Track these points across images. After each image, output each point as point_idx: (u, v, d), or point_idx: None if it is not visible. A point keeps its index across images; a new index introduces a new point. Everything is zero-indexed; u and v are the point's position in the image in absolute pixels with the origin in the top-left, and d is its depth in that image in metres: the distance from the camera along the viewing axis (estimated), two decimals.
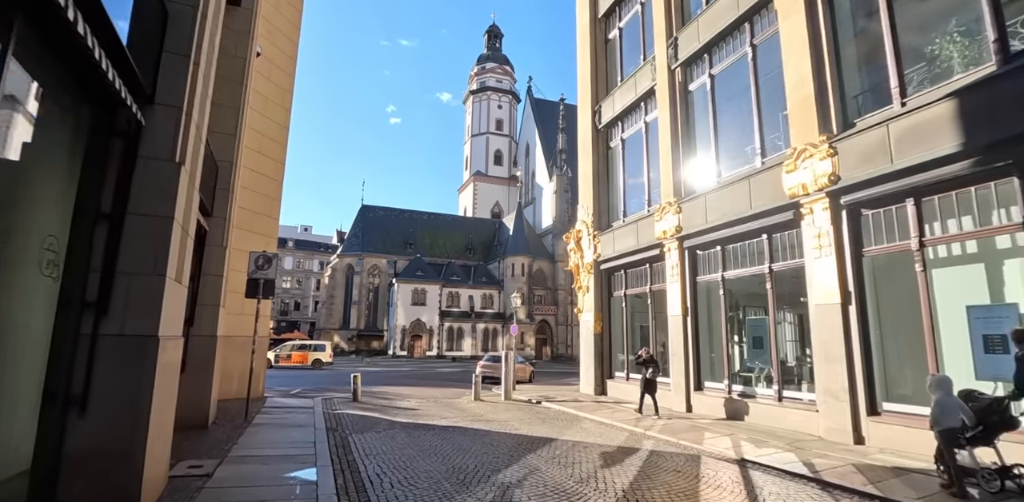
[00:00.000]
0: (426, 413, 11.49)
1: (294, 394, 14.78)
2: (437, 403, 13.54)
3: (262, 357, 13.32)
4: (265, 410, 11.15)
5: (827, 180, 8.26)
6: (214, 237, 9.01)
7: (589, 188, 16.15)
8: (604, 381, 14.99)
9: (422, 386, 19.32)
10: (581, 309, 16.11)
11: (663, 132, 12.81)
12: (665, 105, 12.78)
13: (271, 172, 13.77)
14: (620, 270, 14.78)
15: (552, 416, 11.39)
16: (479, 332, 59.06)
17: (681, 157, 12.28)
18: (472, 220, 74.15)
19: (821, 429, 8.26)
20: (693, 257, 11.82)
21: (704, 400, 10.99)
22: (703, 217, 11.21)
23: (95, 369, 4.14)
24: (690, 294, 11.69)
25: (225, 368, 11.94)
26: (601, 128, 16.23)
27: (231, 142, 9.44)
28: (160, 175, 4.60)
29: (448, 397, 15.46)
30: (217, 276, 8.98)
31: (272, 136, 13.81)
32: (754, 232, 10.03)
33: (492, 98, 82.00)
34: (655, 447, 8.01)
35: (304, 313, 76.81)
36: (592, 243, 15.69)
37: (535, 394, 15.95)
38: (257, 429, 8.69)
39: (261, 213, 13.36)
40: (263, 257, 10.23)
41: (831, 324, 8.14)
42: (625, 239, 14.24)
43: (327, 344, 31.25)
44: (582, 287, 16.11)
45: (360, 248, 61.81)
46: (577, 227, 16.67)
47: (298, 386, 17.48)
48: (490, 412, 11.87)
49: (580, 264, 16.14)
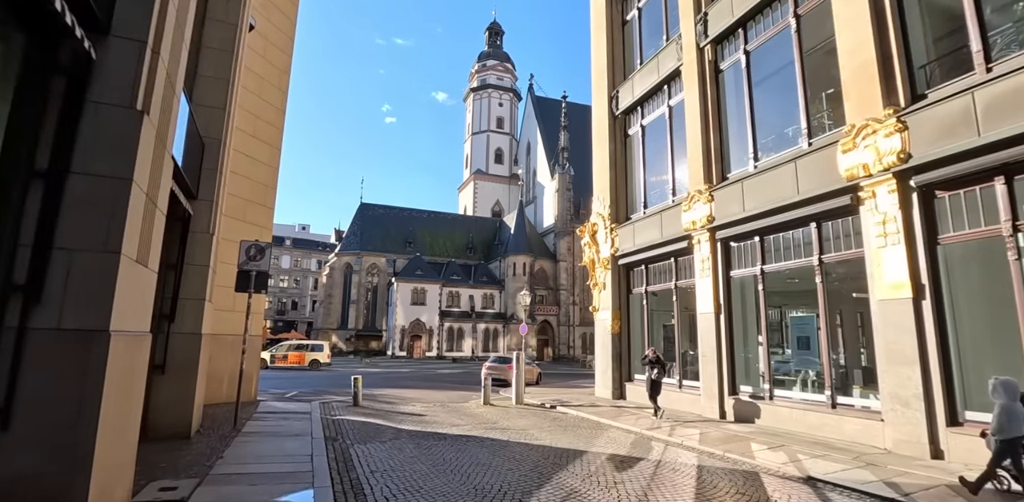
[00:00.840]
0: (434, 419, 10.48)
1: (290, 398, 13.75)
2: (444, 408, 12.53)
3: (255, 358, 12.29)
4: (257, 416, 10.13)
5: (895, 158, 7.29)
6: (199, 222, 8.00)
7: (606, 178, 15.17)
8: (623, 384, 13.99)
9: (425, 389, 18.30)
10: (597, 307, 15.12)
11: (690, 115, 11.84)
12: (693, 86, 11.81)
13: (266, 158, 12.76)
14: (640, 265, 13.80)
15: (572, 423, 10.39)
16: (480, 332, 58.03)
17: (712, 141, 11.30)
18: (472, 219, 73.14)
19: (888, 441, 7.28)
20: (726, 249, 10.84)
21: (740, 406, 10.01)
22: (739, 205, 10.24)
23: (22, 372, 3.14)
24: (723, 290, 10.70)
25: (214, 369, 10.92)
26: (618, 115, 15.25)
27: (219, 117, 8.43)
28: (115, 125, 3.59)
29: (455, 401, 14.44)
30: (202, 266, 7.96)
31: (267, 119, 12.80)
32: (800, 220, 9.05)
33: (493, 96, 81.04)
34: (701, 461, 7.01)
35: (301, 313, 75.69)
36: (609, 237, 14.70)
37: (547, 398, 14.95)
38: (247, 439, 7.67)
39: (254, 201, 12.35)
40: (255, 247, 9.22)
41: (900, 322, 7.16)
42: (647, 232, 13.25)
43: (325, 344, 30.21)
44: (598, 284, 15.12)
45: (359, 246, 60.74)
46: (592, 220, 15.69)
47: (294, 388, 16.45)
48: (504, 418, 10.87)
49: (596, 259, 15.16)
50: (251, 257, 9.15)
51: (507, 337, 58.18)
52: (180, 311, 7.67)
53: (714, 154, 11.24)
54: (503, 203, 78.85)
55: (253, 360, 12.15)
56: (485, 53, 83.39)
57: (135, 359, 4.04)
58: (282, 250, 76.13)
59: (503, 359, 21.17)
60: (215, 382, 11.14)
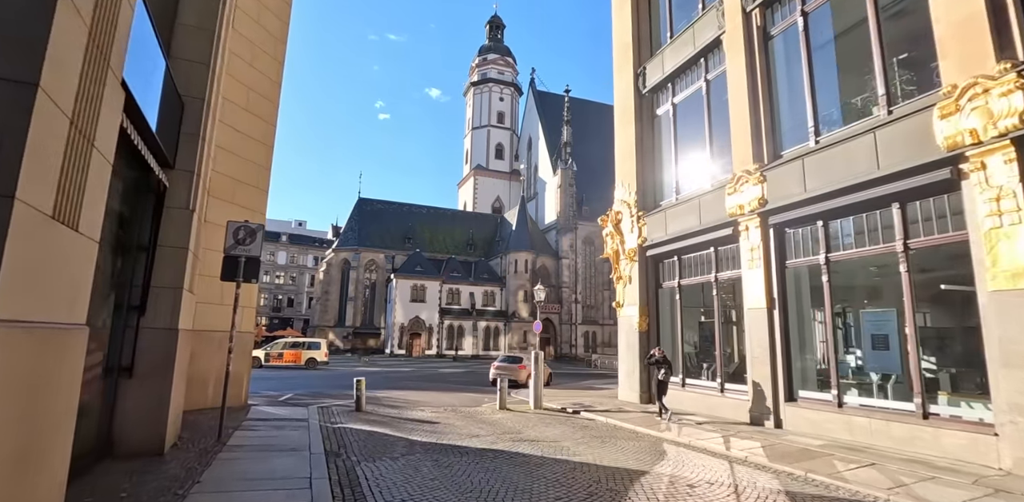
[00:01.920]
0: (449, 428, 9.21)
1: (284, 401, 12.45)
2: (457, 413, 11.26)
3: (245, 357, 11.00)
4: (247, 424, 8.84)
5: (1017, 120, 6.04)
6: (177, 196, 6.69)
7: (631, 163, 13.91)
8: (652, 387, 12.73)
9: (431, 390, 17.02)
10: (621, 303, 13.86)
11: (734, 88, 10.58)
12: (738, 55, 10.55)
13: (259, 134, 11.44)
14: (672, 256, 12.54)
15: (607, 433, 9.14)
16: (480, 331, 56.77)
17: (761, 116, 10.05)
18: (473, 215, 71.82)
19: (1005, 459, 6.06)
20: (780, 237, 9.60)
21: (801, 414, 8.77)
22: (797, 186, 8.99)
23: None
24: (777, 282, 9.46)
25: (197, 371, 9.64)
26: (645, 93, 13.98)
27: (202, 74, 7.12)
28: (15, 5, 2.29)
29: (467, 405, 13.18)
30: (180, 249, 6.66)
31: (261, 91, 11.47)
32: (879, 201, 7.81)
33: (494, 90, 79.65)
34: (786, 485, 5.77)
35: (298, 310, 74.29)
36: (636, 226, 13.44)
37: (565, 401, 13.71)
38: (232, 456, 6.39)
39: (246, 182, 11.03)
40: (244, 228, 7.93)
41: (1022, 317, 5.94)
42: (681, 219, 12.00)
43: (322, 342, 28.88)
44: (622, 278, 13.87)
45: (357, 242, 59.34)
46: (615, 208, 14.43)
47: (289, 390, 15.15)
48: (527, 427, 9.61)
49: (620, 251, 13.90)
50: (240, 240, 7.86)
51: (508, 335, 56.94)
52: (153, 302, 6.37)
53: (764, 130, 9.98)
54: (503, 199, 77.52)
55: (243, 360, 10.86)
56: (486, 47, 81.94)
57: (54, 362, 2.75)
58: (278, 246, 74.66)
59: (513, 359, 19.91)
60: (198, 385, 9.84)
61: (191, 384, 9.76)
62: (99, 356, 5.78)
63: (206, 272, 9.59)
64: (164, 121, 6.27)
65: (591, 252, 62.96)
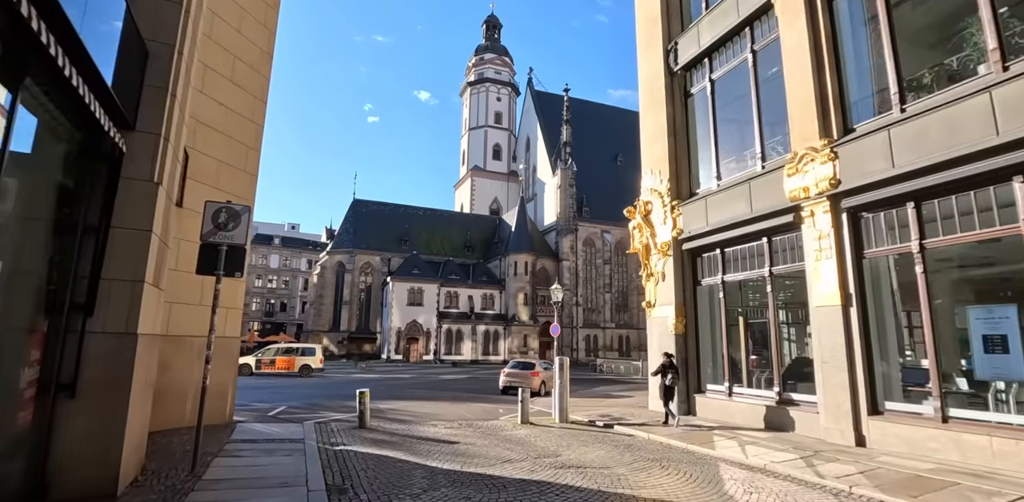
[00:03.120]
0: (472, 449, 7.76)
1: (276, 415, 10.96)
2: (475, 429, 9.82)
3: (230, 367, 9.50)
4: (230, 448, 7.36)
5: None
6: (138, 165, 5.25)
7: (662, 148, 12.56)
8: (691, 397, 11.34)
9: (438, 400, 15.54)
10: (652, 302, 12.48)
11: (793, 57, 9.27)
12: (797, 18, 9.24)
13: (247, 111, 10.01)
14: (714, 249, 11.18)
15: (660, 454, 7.72)
16: (479, 334, 55.25)
17: (829, 86, 8.73)
18: (470, 216, 70.44)
19: None
20: (855, 222, 8.26)
21: (890, 430, 7.40)
22: (882, 161, 7.66)
23: None
24: (853, 275, 8.11)
25: (172, 383, 8.19)
26: (677, 71, 12.66)
27: (173, 14, 5.69)
28: None
29: (481, 417, 11.73)
30: (140, 232, 5.20)
31: (249, 61, 10.04)
32: (994, 174, 6.49)
33: (491, 90, 78.49)
34: None
35: (291, 314, 72.41)
36: (669, 217, 12.08)
37: (590, 412, 12.31)
38: (206, 499, 4.92)
39: (232, 164, 9.59)
40: (226, 210, 6.49)
41: None
42: (725, 207, 10.66)
43: (317, 347, 27.30)
44: (653, 274, 12.49)
45: (352, 244, 57.75)
46: (643, 198, 13.06)
47: (282, 401, 13.62)
48: (563, 446, 8.18)
49: (651, 245, 12.53)
50: (221, 225, 6.42)
51: (508, 339, 55.45)
52: (103, 299, 4.91)
53: (832, 101, 8.66)
54: (501, 201, 76.19)
55: (228, 369, 9.37)
56: (483, 46, 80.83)
57: None
58: (271, 249, 72.88)
59: (525, 365, 18.49)
60: (174, 400, 8.36)
61: (165, 399, 8.29)
62: (30, 371, 4.34)
63: (184, 267, 8.15)
64: (123, 71, 4.87)
65: (592, 254, 61.72)
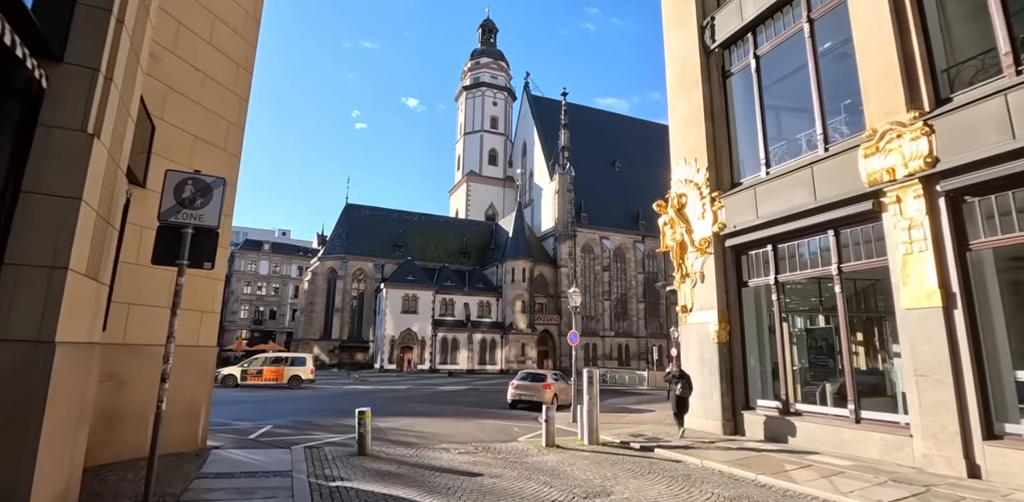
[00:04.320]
0: (501, 485, 6.27)
1: (259, 437, 9.38)
2: (495, 455, 8.32)
3: (203, 381, 7.93)
4: (197, 487, 5.82)
5: None
6: (62, 108, 3.79)
7: (699, 134, 11.26)
8: (737, 414, 9.93)
9: (442, 416, 13.98)
10: (688, 307, 11.08)
11: (869, 17, 8.01)
12: None
13: (229, 80, 8.56)
14: (764, 246, 9.83)
15: (736, 490, 6.26)
16: (476, 343, 53.60)
17: (916, 51, 7.45)
18: (466, 222, 69.02)
19: None
20: (955, 209, 6.94)
21: (1016, 458, 6.02)
22: (999, 132, 6.36)
23: None
24: (957, 272, 6.77)
25: (132, 404, 6.73)
26: (714, 49, 11.40)
27: None
28: None
29: (497, 438, 10.23)
30: (64, 199, 3.73)
31: (233, 23, 8.62)
32: None
33: (487, 94, 77.52)
34: None
35: (280, 322, 70.32)
36: (708, 210, 10.74)
37: (618, 431, 10.85)
38: None
39: (210, 142, 8.11)
40: (194, 182, 5.04)
41: None
42: (779, 197, 9.33)
43: (308, 357, 25.57)
44: (689, 275, 11.12)
45: (344, 250, 56.07)
46: (676, 191, 11.72)
47: (267, 418, 12.01)
48: (608, 479, 6.70)
49: (686, 241, 11.17)
50: (186, 201, 4.95)
51: (505, 348, 53.81)
52: (4, 293, 3.43)
53: (921, 68, 7.38)
54: (497, 206, 74.90)
55: (201, 386, 7.81)
56: (478, 51, 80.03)
57: None
58: (260, 255, 70.96)
59: (535, 376, 16.97)
60: (134, 424, 6.81)
61: (122, 423, 6.76)
62: None
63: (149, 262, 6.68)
64: None
65: (590, 260, 60.45)
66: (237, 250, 70.43)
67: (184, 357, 7.36)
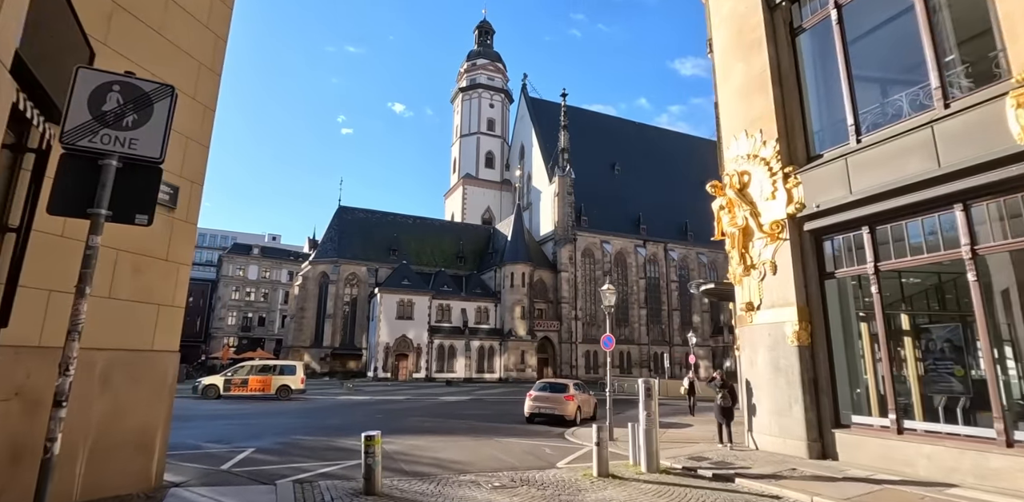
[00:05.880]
0: None
1: (233, 469, 7.42)
2: (541, 490, 6.45)
3: (158, 400, 5.97)
4: None
5: None
6: None
7: (764, 102, 9.58)
8: (826, 432, 8.13)
9: (455, 434, 12.03)
10: (754, 304, 9.32)
11: None
12: None
13: (202, 11, 6.72)
14: (857, 227, 8.09)
15: None
16: (473, 351, 51.49)
17: None
18: (462, 226, 67.20)
19: None
20: None
21: None
22: None
23: None
24: None
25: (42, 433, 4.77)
26: (781, 2, 9.76)
27: None
28: None
29: (531, 464, 8.35)
30: None
31: None
32: None
33: (484, 96, 76.08)
34: None
35: (270, 329, 67.77)
36: (781, 189, 9.03)
37: (668, 452, 9.00)
38: None
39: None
40: (123, 87, 3.20)
41: None
42: (883, 167, 7.61)
43: (298, 365, 23.49)
44: (754, 266, 9.37)
45: (336, 254, 53.95)
46: (734, 169, 10.01)
47: (249, 440, 10.00)
48: None
49: (752, 227, 9.44)
50: (108, 117, 3.11)
51: (504, 356, 51.76)
52: None
53: None
54: (494, 210, 73.15)
55: (155, 404, 5.85)
56: (475, 52, 78.71)
57: None
58: (249, 259, 68.55)
59: (555, 386, 15.09)
60: None
61: (35, 458, 4.82)
62: None
63: (77, 231, 4.86)
64: None
65: (591, 266, 58.70)
66: (225, 254, 68.09)
67: (130, 367, 5.48)
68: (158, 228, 5.79)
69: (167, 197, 5.87)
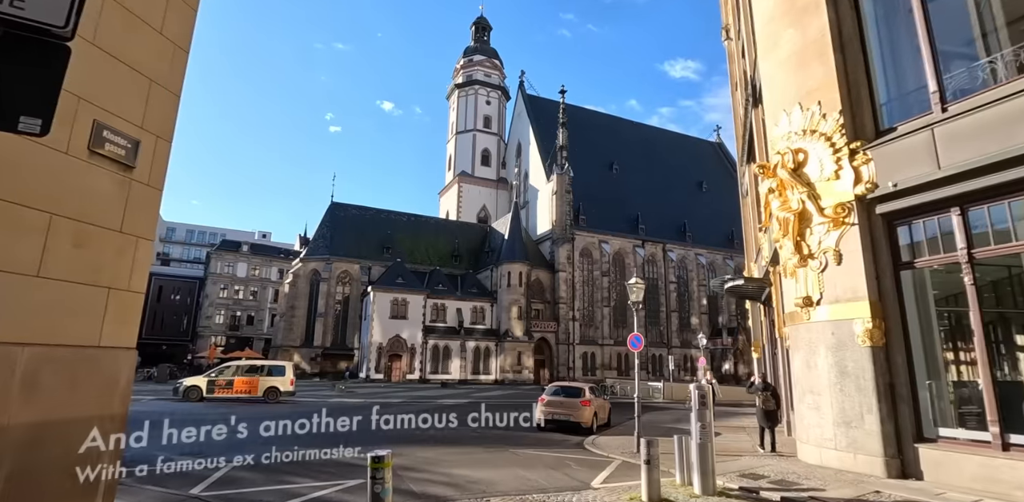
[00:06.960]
0: None
1: (202, 495, 6.13)
2: None
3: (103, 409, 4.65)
4: None
5: None
6: None
7: (825, 69, 8.43)
8: (907, 448, 6.98)
9: (464, 443, 10.78)
10: (813, 299, 8.17)
11: None
12: None
13: None
14: (944, 209, 6.96)
15: None
16: (469, 351, 50.17)
17: None
18: (458, 224, 65.89)
19: None
20: None
21: None
22: None
23: None
24: None
25: None
26: None
27: None
28: None
29: (561, 484, 7.14)
30: None
31: None
32: None
33: (480, 93, 74.81)
34: None
35: (258, 328, 65.99)
36: (847, 167, 7.88)
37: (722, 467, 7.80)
38: None
39: (142, 18, 4.98)
40: None
41: None
42: (982, 138, 6.47)
43: (287, 365, 22.09)
44: (812, 255, 8.23)
45: (328, 251, 52.42)
46: (789, 145, 8.85)
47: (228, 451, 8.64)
48: None
49: (810, 211, 8.28)
50: None
51: (500, 357, 50.50)
52: None
53: None
54: (490, 208, 71.83)
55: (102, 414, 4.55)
56: (471, 48, 77.47)
57: None
58: (238, 256, 66.78)
59: (569, 390, 13.87)
60: None
61: None
62: None
63: (9, 197, 3.60)
64: None
65: (589, 266, 57.60)
66: (213, 251, 66.26)
67: (67, 367, 4.20)
68: (110, 189, 4.53)
69: (123, 151, 4.59)
